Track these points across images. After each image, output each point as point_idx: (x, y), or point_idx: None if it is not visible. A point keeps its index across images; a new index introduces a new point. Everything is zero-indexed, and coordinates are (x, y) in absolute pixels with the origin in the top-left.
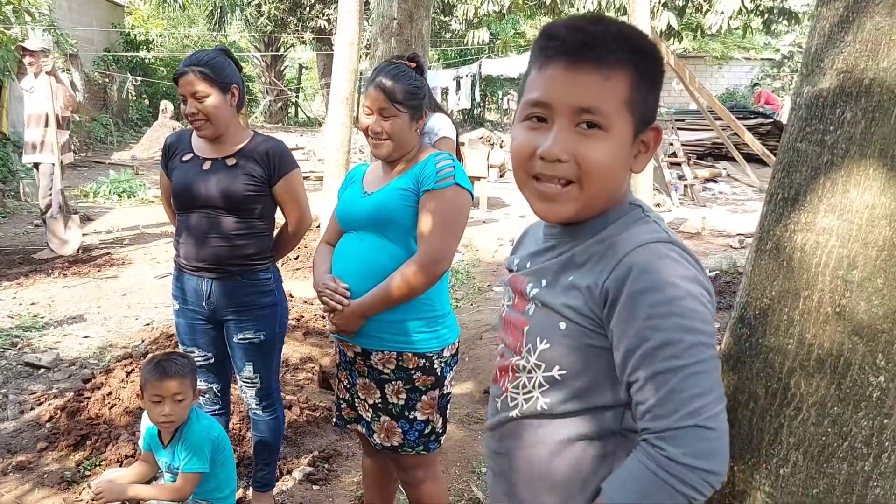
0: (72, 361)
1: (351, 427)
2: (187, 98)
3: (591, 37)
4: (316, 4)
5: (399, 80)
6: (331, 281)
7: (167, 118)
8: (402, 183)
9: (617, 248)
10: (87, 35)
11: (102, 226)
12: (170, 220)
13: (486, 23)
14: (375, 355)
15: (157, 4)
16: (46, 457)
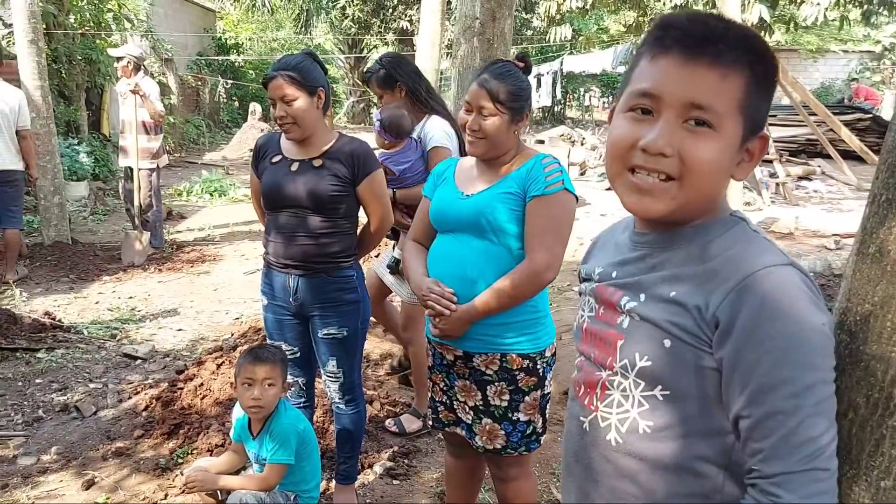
0: (166, 353)
1: (449, 430)
2: (276, 101)
3: (712, 31)
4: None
5: (503, 79)
6: (435, 285)
7: (256, 119)
8: (506, 186)
9: (731, 269)
10: (182, 40)
11: (195, 223)
12: (259, 219)
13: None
14: (478, 357)
15: (247, 9)
16: (143, 444)
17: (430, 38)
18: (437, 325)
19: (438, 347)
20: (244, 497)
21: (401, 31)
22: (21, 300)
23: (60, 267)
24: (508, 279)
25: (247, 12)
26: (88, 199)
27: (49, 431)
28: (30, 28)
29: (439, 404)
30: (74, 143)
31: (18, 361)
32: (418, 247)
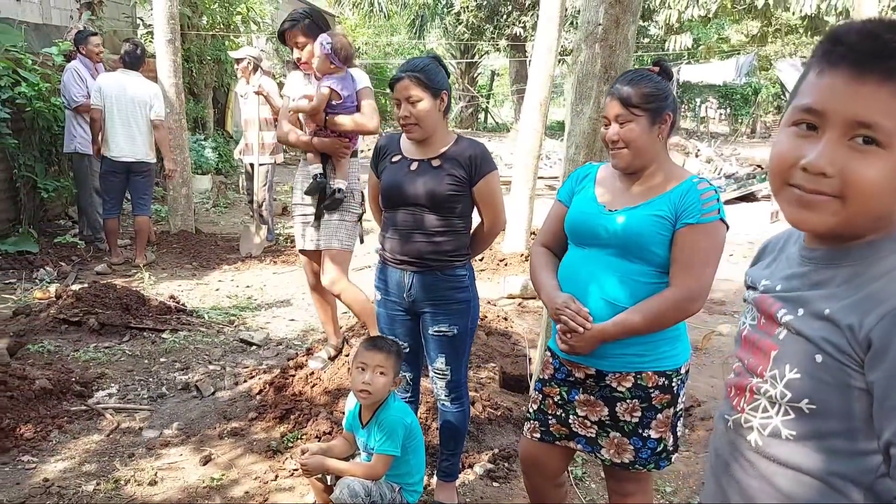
0: (279, 341)
1: (560, 443)
2: (401, 102)
3: (884, 46)
4: (513, 12)
5: (635, 83)
6: (571, 302)
7: None
8: (656, 208)
9: (891, 290)
10: None
11: None
12: (374, 217)
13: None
14: (610, 375)
15: (365, 14)
16: (256, 426)
17: (547, 45)
18: (568, 341)
19: (567, 364)
20: (352, 484)
21: (513, 37)
22: (149, 283)
23: (184, 254)
24: (653, 305)
25: (364, 17)
26: (211, 191)
27: (171, 408)
28: (168, 29)
29: (551, 417)
30: (201, 138)
31: (145, 340)
32: (548, 255)
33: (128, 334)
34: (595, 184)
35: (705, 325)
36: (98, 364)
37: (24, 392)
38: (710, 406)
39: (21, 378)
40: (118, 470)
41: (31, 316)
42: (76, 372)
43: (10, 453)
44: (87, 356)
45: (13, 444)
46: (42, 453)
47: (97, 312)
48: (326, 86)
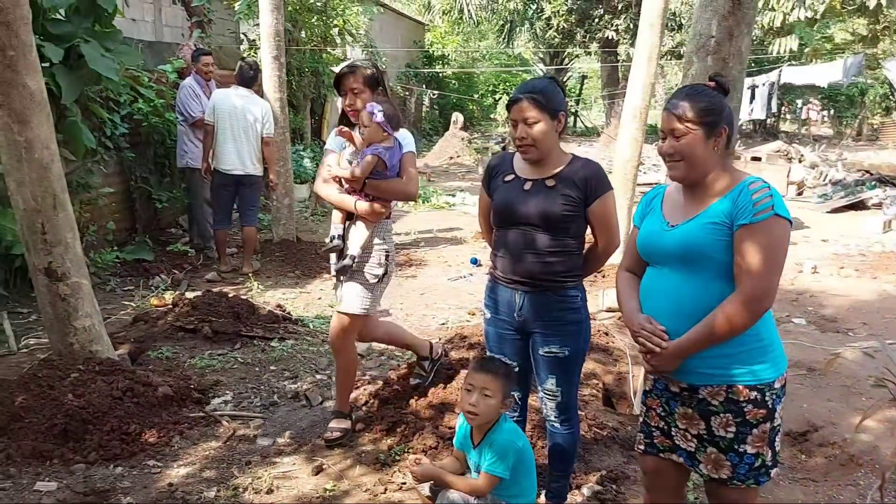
0: (381, 352)
1: (664, 455)
2: (518, 123)
3: None
4: (605, 15)
5: (690, 98)
6: (647, 322)
7: (457, 128)
8: (712, 216)
9: None
10: (393, 52)
11: (401, 228)
12: (484, 236)
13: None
14: (703, 389)
15: (454, 21)
16: (363, 437)
17: (648, 53)
18: (649, 361)
19: (663, 379)
20: (452, 495)
21: (605, 42)
22: (258, 291)
23: (287, 263)
24: (721, 311)
25: (453, 24)
26: (309, 200)
27: (283, 416)
28: (273, 45)
29: (655, 429)
30: (300, 148)
31: (256, 348)
32: (631, 278)
33: (239, 342)
34: (662, 203)
35: (818, 343)
36: (213, 371)
37: (148, 398)
38: (829, 432)
39: (146, 385)
40: (236, 477)
41: (149, 323)
42: (194, 379)
43: (136, 457)
44: (202, 363)
45: (139, 449)
46: (166, 458)
47: (211, 320)
48: (374, 154)
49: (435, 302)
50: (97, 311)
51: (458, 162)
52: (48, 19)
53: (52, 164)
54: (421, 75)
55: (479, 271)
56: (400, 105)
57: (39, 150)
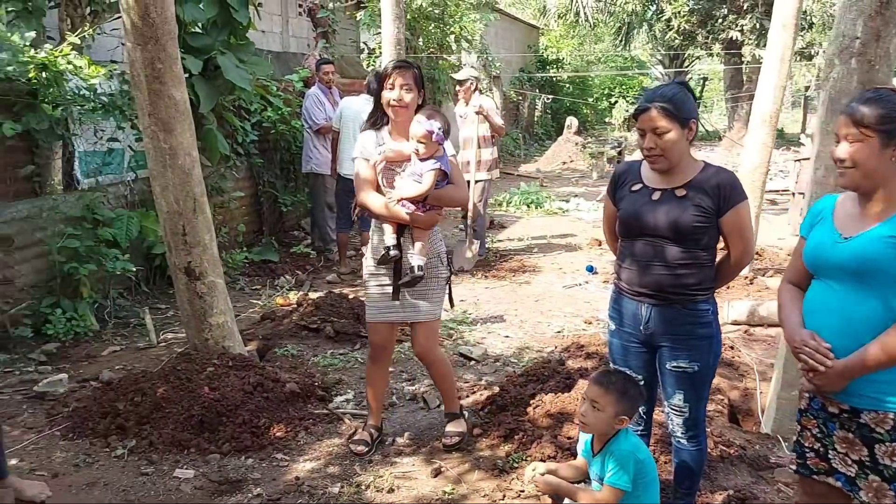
0: (496, 357)
1: (819, 478)
2: (646, 133)
3: None
4: (729, 15)
5: (871, 103)
6: (810, 338)
7: (571, 133)
8: (888, 230)
9: None
10: (507, 57)
11: (514, 233)
12: (609, 246)
13: None
14: (866, 414)
15: (570, 25)
16: (481, 442)
17: (780, 54)
18: (812, 380)
19: (821, 398)
20: None
21: (728, 43)
22: None
23: None
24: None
25: (569, 28)
26: None
27: (401, 417)
28: (394, 53)
29: (809, 451)
30: None
31: None
32: (794, 291)
33: (359, 342)
34: (833, 213)
35: None
36: (335, 370)
37: (276, 394)
38: None
39: (275, 381)
40: (359, 475)
41: (275, 321)
42: (317, 377)
43: (265, 450)
44: (325, 362)
45: (268, 442)
46: (292, 452)
47: (333, 321)
48: (433, 169)
49: (550, 309)
50: (230, 308)
51: (572, 167)
52: (188, 33)
53: (194, 169)
54: (535, 80)
55: (595, 279)
56: (513, 110)
57: (182, 156)
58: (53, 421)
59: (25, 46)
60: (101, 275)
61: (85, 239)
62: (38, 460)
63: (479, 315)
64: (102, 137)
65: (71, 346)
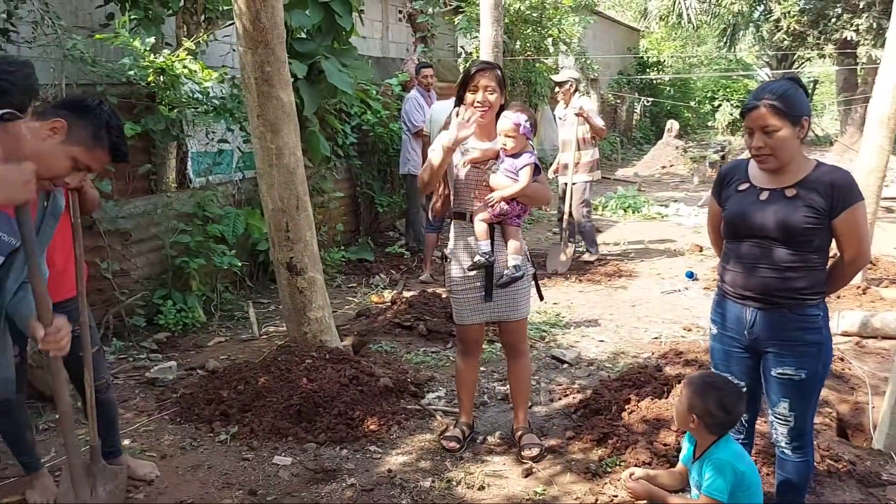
0: (590, 361)
1: None
2: (754, 131)
3: None
4: (843, 14)
5: None
6: None
7: (671, 136)
8: None
9: None
10: (606, 59)
11: (610, 237)
12: (713, 247)
13: None
14: None
15: (672, 26)
16: (573, 445)
17: None
18: None
19: None
20: None
21: (842, 43)
22: None
23: None
24: None
25: (671, 30)
26: None
27: (492, 416)
28: (492, 56)
29: None
30: None
31: None
32: None
33: (451, 341)
34: None
35: None
36: (427, 367)
37: (371, 388)
38: None
39: (369, 375)
40: (450, 470)
41: (370, 318)
42: (410, 373)
43: (359, 442)
44: (417, 359)
45: (362, 434)
46: (385, 445)
47: (426, 319)
48: (529, 164)
49: (647, 315)
50: (328, 304)
51: (671, 171)
52: (295, 38)
53: (298, 168)
54: (634, 82)
55: (696, 286)
56: (610, 113)
57: (287, 156)
58: (163, 406)
59: (145, 52)
60: (210, 269)
61: (195, 235)
62: (149, 442)
63: (572, 318)
64: (213, 139)
65: (180, 336)
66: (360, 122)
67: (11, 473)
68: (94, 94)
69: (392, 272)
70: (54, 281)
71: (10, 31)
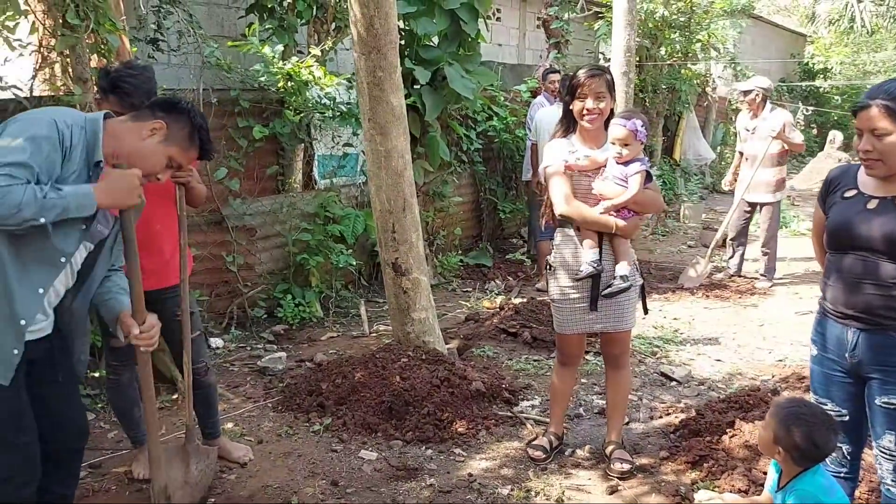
0: (701, 381)
1: None
2: (863, 133)
3: None
4: None
5: None
6: None
7: (834, 149)
8: None
9: None
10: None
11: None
12: (817, 258)
13: None
14: None
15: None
16: (665, 466)
17: None
18: None
19: None
20: None
21: None
22: None
23: None
24: None
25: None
26: (651, 220)
27: (586, 429)
28: (624, 61)
29: None
30: None
31: None
32: None
33: (555, 350)
34: None
35: None
36: (526, 375)
37: (462, 390)
38: None
39: (461, 378)
40: (531, 480)
41: (478, 322)
42: (507, 379)
43: (445, 443)
44: (518, 366)
45: (449, 436)
46: (470, 449)
47: (531, 326)
48: (640, 171)
49: (774, 335)
50: (432, 305)
51: None
52: (421, 45)
53: (405, 171)
54: (797, 90)
55: None
56: None
57: (396, 158)
58: (268, 394)
59: (275, 58)
60: (328, 267)
61: (316, 234)
62: (249, 427)
63: (690, 335)
64: (339, 143)
65: (297, 330)
66: (486, 128)
67: (125, 446)
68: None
69: (509, 278)
70: (161, 269)
71: (159, 40)
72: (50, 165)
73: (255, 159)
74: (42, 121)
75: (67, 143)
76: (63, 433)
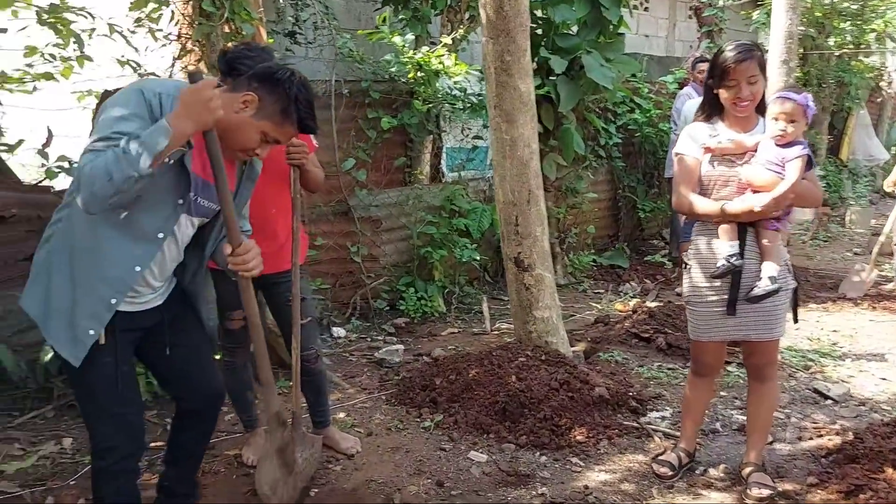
0: (862, 401)
1: None
2: None
3: None
4: None
5: None
6: None
7: None
8: None
9: None
10: None
11: None
12: None
13: None
14: None
15: None
16: (813, 494)
17: None
18: None
19: None
20: None
21: None
22: None
23: None
24: None
25: None
26: (812, 223)
27: (722, 446)
28: (784, 49)
29: None
30: None
31: None
32: None
33: None
34: None
35: None
36: (657, 384)
37: (583, 396)
38: None
39: (583, 382)
40: (654, 498)
41: (608, 325)
42: (635, 387)
43: (562, 451)
44: (649, 374)
45: (566, 444)
46: (589, 459)
47: (666, 332)
48: (801, 156)
49: None
50: (557, 304)
51: None
52: (558, 34)
53: (531, 161)
54: None
55: None
56: None
57: (521, 147)
58: (383, 386)
59: (405, 48)
60: (452, 261)
61: (441, 227)
62: (361, 418)
63: (851, 349)
64: (468, 135)
65: (418, 324)
66: (627, 121)
67: (240, 429)
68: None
69: (646, 281)
70: (275, 253)
71: (296, 33)
72: None
73: (383, 150)
74: (129, 93)
75: (158, 112)
76: (197, 394)
